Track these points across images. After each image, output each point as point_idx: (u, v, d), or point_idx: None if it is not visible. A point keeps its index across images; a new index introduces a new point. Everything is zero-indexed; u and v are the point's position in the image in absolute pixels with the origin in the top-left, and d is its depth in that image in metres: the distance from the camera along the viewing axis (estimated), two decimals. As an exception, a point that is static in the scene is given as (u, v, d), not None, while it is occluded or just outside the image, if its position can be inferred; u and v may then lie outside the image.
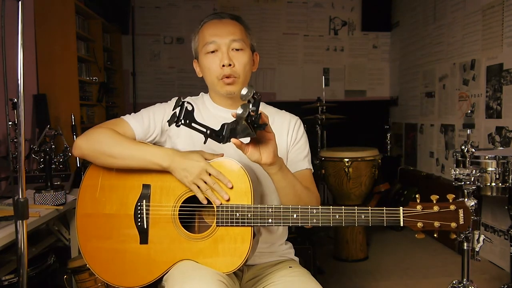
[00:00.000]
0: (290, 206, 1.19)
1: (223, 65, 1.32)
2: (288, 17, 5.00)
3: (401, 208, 1.15)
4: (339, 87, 5.10)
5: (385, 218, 1.15)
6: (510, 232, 2.14)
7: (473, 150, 1.92)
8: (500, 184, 2.03)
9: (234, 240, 1.20)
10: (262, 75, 4.98)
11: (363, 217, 1.15)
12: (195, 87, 4.33)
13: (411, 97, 4.54)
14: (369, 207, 1.16)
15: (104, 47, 4.22)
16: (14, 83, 1.15)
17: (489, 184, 2.04)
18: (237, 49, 1.34)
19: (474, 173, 1.87)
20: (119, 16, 4.50)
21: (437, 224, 1.13)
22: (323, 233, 3.67)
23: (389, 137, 4.83)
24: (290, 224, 1.20)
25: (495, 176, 2.03)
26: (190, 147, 1.35)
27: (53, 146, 2.38)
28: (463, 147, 1.93)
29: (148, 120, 1.36)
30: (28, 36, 3.09)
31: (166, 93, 4.78)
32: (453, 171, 1.93)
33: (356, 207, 1.16)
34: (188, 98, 1.46)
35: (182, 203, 1.25)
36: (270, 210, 1.19)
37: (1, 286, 1.72)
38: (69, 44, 3.28)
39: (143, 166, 1.24)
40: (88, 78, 3.80)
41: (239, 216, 1.19)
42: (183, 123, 1.12)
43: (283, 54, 5.02)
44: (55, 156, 2.40)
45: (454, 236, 1.17)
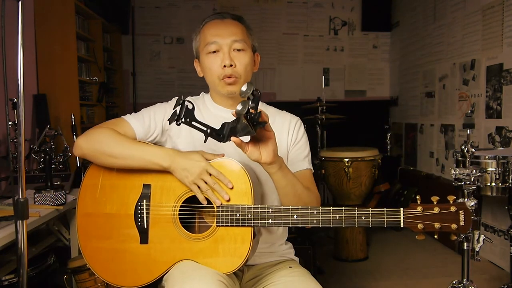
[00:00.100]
0: (290, 207, 1.19)
1: (224, 66, 1.32)
2: (288, 17, 5.00)
3: (401, 209, 1.15)
4: (339, 87, 5.10)
5: (385, 219, 1.15)
6: (510, 232, 2.14)
7: (473, 150, 1.92)
8: (500, 184, 2.03)
9: (234, 240, 1.20)
10: (262, 75, 4.98)
11: (363, 218, 1.15)
12: (195, 87, 4.33)
13: (411, 97, 4.54)
14: (369, 207, 1.16)
15: (104, 47, 4.22)
16: (14, 83, 1.15)
17: (489, 184, 2.04)
18: (238, 50, 1.34)
19: (474, 173, 1.87)
20: (119, 16, 4.50)
21: (437, 225, 1.13)
22: (323, 233, 3.66)
23: (389, 137, 4.83)
24: (290, 225, 1.20)
25: (495, 176, 2.03)
26: (190, 147, 1.35)
27: (53, 146, 2.37)
28: (463, 147, 1.93)
29: (148, 120, 1.36)
30: (28, 36, 3.09)
31: (166, 93, 4.77)
32: (453, 171, 1.93)
33: (356, 208, 1.16)
34: (189, 98, 1.46)
35: (182, 203, 1.25)
36: (270, 210, 1.19)
37: (1, 286, 1.72)
38: (69, 44, 3.28)
39: (144, 166, 1.24)
40: (88, 78, 3.80)
41: (239, 216, 1.19)
42: (183, 121, 1.12)
43: (283, 54, 5.02)
44: (55, 156, 2.40)
45: (454, 237, 1.17)
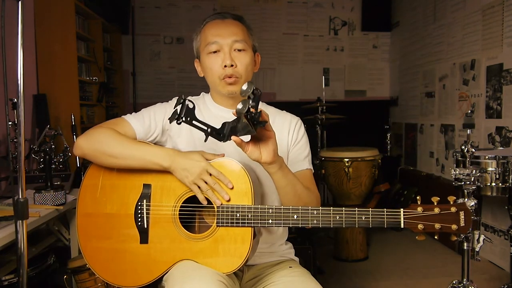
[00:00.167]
0: (291, 207, 1.18)
1: (225, 66, 1.32)
2: (288, 17, 5.00)
3: (401, 209, 1.14)
4: (339, 87, 5.10)
5: (385, 220, 1.15)
6: (510, 232, 2.14)
7: (473, 150, 1.92)
8: (500, 184, 2.03)
9: (234, 240, 1.20)
10: (262, 75, 4.98)
11: (363, 218, 1.15)
12: (195, 87, 4.33)
13: (411, 97, 4.54)
14: (369, 207, 1.16)
15: (104, 47, 4.22)
16: (14, 83, 1.15)
17: (489, 184, 2.04)
18: (239, 50, 1.34)
19: (474, 173, 1.87)
20: (119, 16, 4.50)
21: (437, 226, 1.13)
22: (323, 233, 3.66)
23: (389, 137, 4.83)
24: (291, 225, 1.20)
25: (495, 176, 2.03)
26: (191, 146, 1.35)
27: (53, 146, 2.37)
28: (463, 147, 1.93)
29: (149, 120, 1.36)
30: (28, 36, 3.09)
31: (166, 93, 4.77)
32: (453, 171, 1.93)
33: (356, 209, 1.16)
34: (189, 98, 1.46)
35: (182, 203, 1.25)
36: (270, 210, 1.19)
37: (1, 286, 1.72)
38: (69, 44, 3.28)
39: (144, 166, 1.24)
40: (88, 78, 3.80)
41: (239, 216, 1.19)
42: (184, 120, 1.12)
43: (283, 54, 5.02)
44: (55, 156, 2.40)
45: (455, 238, 1.17)
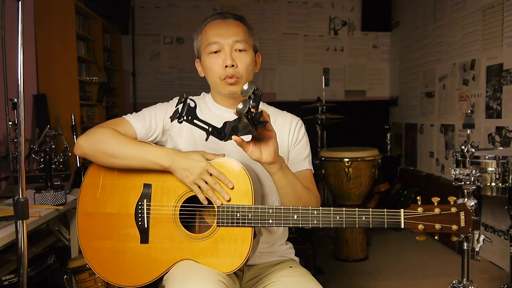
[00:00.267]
0: (291, 207, 1.18)
1: (226, 66, 1.32)
2: (288, 17, 5.00)
3: (402, 210, 1.14)
4: (339, 87, 5.10)
5: (386, 220, 1.15)
6: (510, 232, 2.14)
7: (473, 150, 1.92)
8: (500, 184, 2.03)
9: (235, 240, 1.20)
10: (262, 75, 4.98)
11: (363, 218, 1.15)
12: (195, 87, 4.33)
13: (411, 97, 4.54)
14: (369, 207, 1.16)
15: (104, 47, 4.22)
16: (14, 83, 1.15)
17: (489, 184, 2.04)
18: (240, 50, 1.34)
19: (474, 173, 1.87)
20: (119, 16, 4.50)
21: (438, 226, 1.13)
22: (323, 233, 3.66)
23: (389, 137, 4.83)
24: (291, 225, 1.20)
25: (495, 176, 2.03)
26: (191, 146, 1.35)
27: (53, 146, 2.37)
28: (463, 147, 1.93)
29: (149, 120, 1.36)
30: (28, 36, 3.09)
31: (166, 93, 4.77)
32: (453, 171, 1.93)
33: (357, 209, 1.16)
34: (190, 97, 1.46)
35: (183, 203, 1.25)
36: (270, 211, 1.18)
37: (1, 286, 1.72)
38: (69, 44, 3.28)
39: (144, 166, 1.24)
40: (88, 78, 3.80)
41: (239, 216, 1.19)
42: (185, 119, 1.12)
43: (283, 54, 5.02)
44: (55, 156, 2.40)
45: (455, 238, 1.17)
